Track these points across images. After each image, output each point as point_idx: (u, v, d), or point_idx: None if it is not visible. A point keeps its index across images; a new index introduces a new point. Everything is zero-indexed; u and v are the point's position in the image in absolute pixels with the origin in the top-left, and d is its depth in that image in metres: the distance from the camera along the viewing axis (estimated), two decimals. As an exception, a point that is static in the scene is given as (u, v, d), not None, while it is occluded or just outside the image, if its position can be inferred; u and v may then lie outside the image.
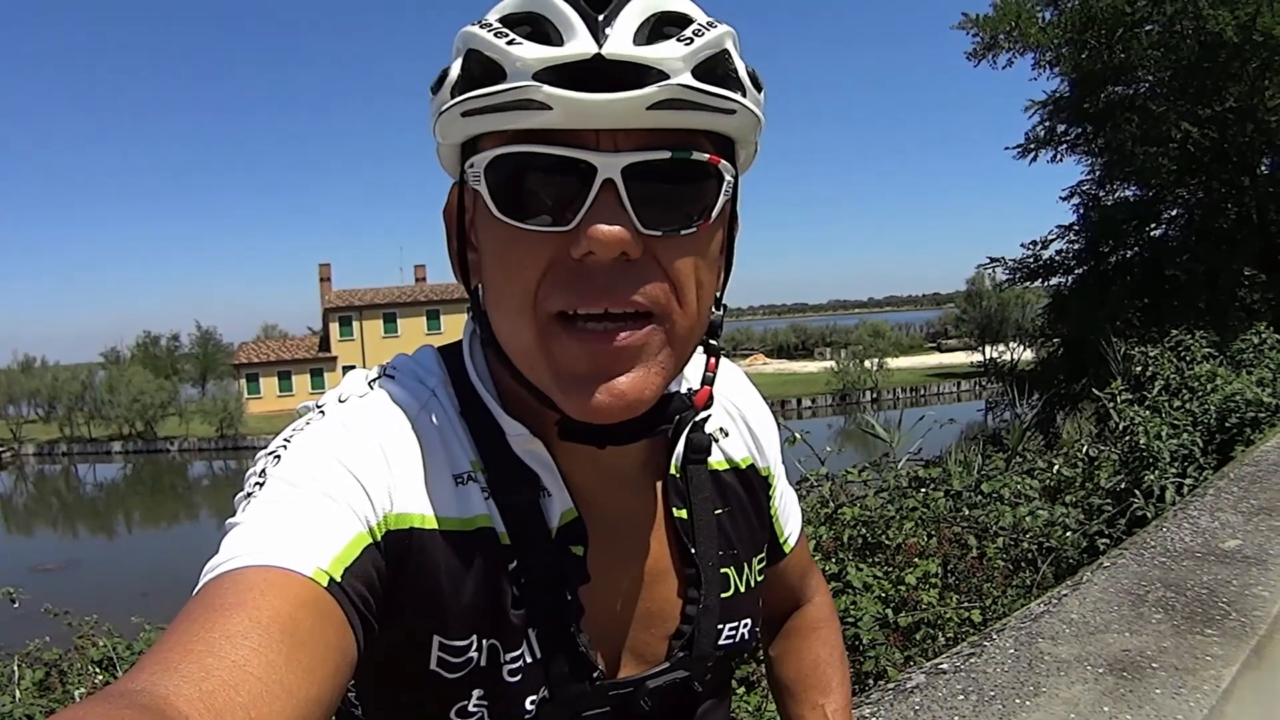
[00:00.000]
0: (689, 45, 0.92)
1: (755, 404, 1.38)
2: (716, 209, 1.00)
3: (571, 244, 0.93)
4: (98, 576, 31.03)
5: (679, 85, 0.91)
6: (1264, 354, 10.17)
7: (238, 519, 0.93)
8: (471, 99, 0.94)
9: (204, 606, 0.82)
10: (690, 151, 0.95)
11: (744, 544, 1.28)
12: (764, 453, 1.36)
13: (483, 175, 0.97)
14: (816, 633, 1.55)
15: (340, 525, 0.93)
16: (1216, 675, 2.83)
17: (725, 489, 1.28)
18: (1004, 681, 2.92)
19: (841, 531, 5.71)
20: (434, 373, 1.13)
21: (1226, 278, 20.36)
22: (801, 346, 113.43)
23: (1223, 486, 5.00)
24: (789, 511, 1.46)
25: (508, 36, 0.92)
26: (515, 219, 0.96)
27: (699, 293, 1.01)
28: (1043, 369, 24.29)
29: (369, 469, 0.98)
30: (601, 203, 0.92)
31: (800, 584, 1.55)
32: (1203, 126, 19.66)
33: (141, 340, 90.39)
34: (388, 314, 77.54)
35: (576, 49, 0.89)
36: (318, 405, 1.08)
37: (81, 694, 5.32)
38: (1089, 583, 3.71)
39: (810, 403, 71.00)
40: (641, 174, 0.93)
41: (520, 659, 1.06)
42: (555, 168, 0.93)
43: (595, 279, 0.94)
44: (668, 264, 0.97)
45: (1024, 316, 61.02)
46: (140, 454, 69.09)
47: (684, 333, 1.01)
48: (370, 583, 0.93)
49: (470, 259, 1.09)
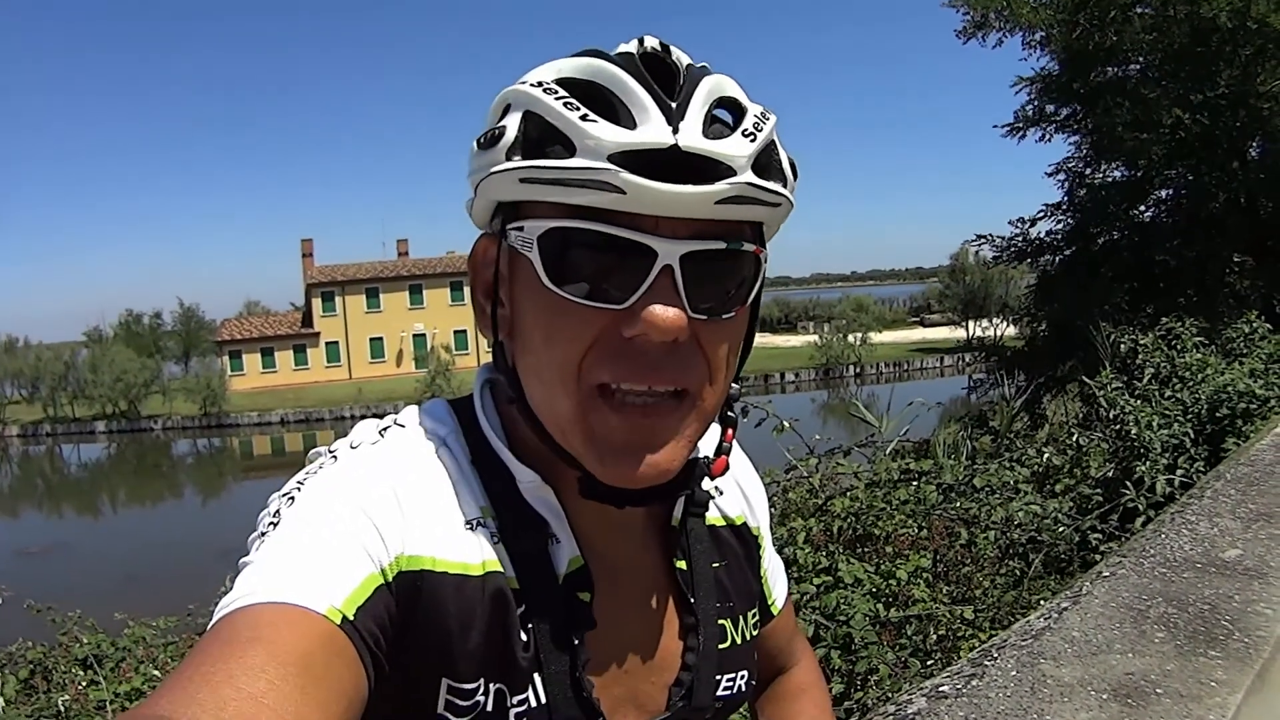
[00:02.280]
0: (753, 141, 0.95)
1: (748, 469, 1.42)
2: (752, 295, 1.05)
3: (624, 323, 0.96)
4: (84, 559, 31.17)
5: (746, 184, 0.94)
6: (1255, 344, 10.20)
7: (251, 557, 0.94)
8: (537, 169, 0.94)
9: (220, 640, 0.83)
10: (741, 243, 0.99)
11: (740, 597, 1.30)
12: (755, 513, 1.39)
13: (535, 243, 0.98)
14: (806, 694, 1.56)
15: (353, 565, 0.94)
16: (1222, 703, 2.80)
17: (722, 543, 1.31)
18: (1006, 708, 2.89)
19: (831, 523, 5.69)
20: (445, 422, 1.14)
21: (1215, 264, 20.40)
22: (784, 320, 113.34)
23: (1219, 488, 4.98)
24: (777, 574, 1.48)
25: (579, 110, 0.93)
26: (566, 290, 0.97)
27: (726, 370, 1.06)
28: (1029, 349, 24.35)
29: (382, 511, 0.99)
30: (658, 287, 0.95)
31: (787, 647, 1.56)
32: (1194, 111, 19.63)
33: (124, 318, 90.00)
34: (370, 289, 77.83)
35: (653, 137, 0.91)
36: (330, 450, 1.09)
37: (65, 700, 5.27)
38: (1089, 595, 3.68)
39: (794, 377, 71.34)
40: (695, 261, 0.96)
41: (525, 703, 1.06)
42: (613, 247, 0.95)
43: (643, 358, 0.97)
44: (707, 345, 1.01)
45: (1008, 292, 61.27)
46: (124, 433, 69.09)
47: (710, 407, 1.05)
48: (382, 623, 0.94)
49: (500, 314, 1.09)
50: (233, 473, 53.87)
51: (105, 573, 25.67)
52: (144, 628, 6.36)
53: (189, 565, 17.63)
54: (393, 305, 77.51)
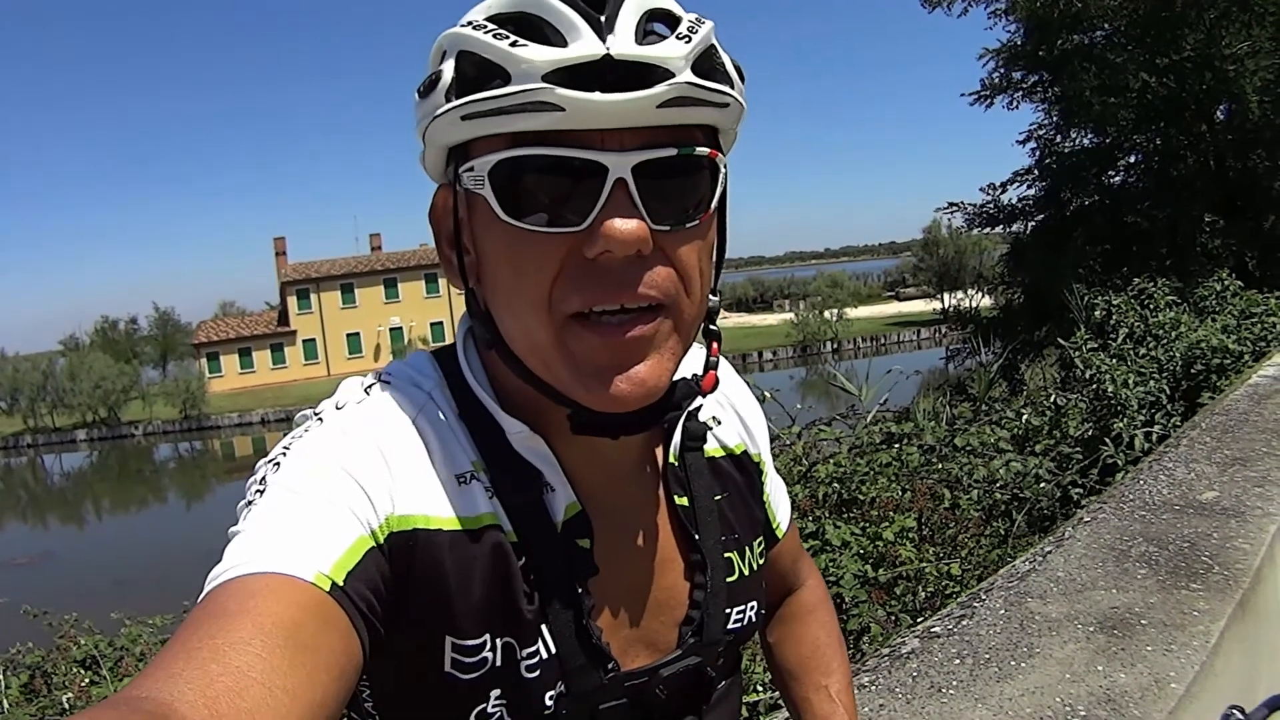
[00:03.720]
0: (688, 43, 0.94)
1: (744, 393, 1.40)
2: (715, 199, 1.03)
3: (585, 244, 0.95)
4: (72, 568, 31.01)
5: (685, 83, 0.93)
6: (1227, 301, 10.26)
7: (239, 527, 0.93)
8: (475, 102, 0.94)
9: (207, 614, 0.83)
10: (694, 148, 0.98)
11: (744, 528, 1.29)
12: (755, 439, 1.38)
13: (486, 179, 0.97)
14: (813, 615, 1.57)
15: (341, 529, 0.93)
16: (1205, 630, 2.88)
17: (722, 475, 1.29)
18: (997, 643, 2.97)
19: (817, 489, 5.74)
20: (429, 376, 1.13)
21: (1187, 224, 20.53)
22: (760, 299, 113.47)
23: (1195, 436, 5.06)
24: (779, 497, 1.48)
25: (509, 38, 0.92)
26: (524, 221, 0.96)
27: (700, 280, 1.04)
28: (1004, 316, 24.42)
29: (369, 472, 0.99)
30: (614, 202, 0.93)
31: (793, 569, 1.57)
32: (1160, 75, 19.74)
33: (100, 325, 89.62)
34: (345, 284, 77.49)
35: (584, 50, 0.90)
36: (315, 412, 1.08)
37: (69, 698, 5.31)
38: (1071, 539, 3.76)
39: (771, 355, 71.43)
40: (649, 171, 0.95)
41: (537, 654, 1.06)
42: (563, 169, 0.94)
43: (610, 276, 0.96)
44: (674, 256, 0.99)
45: (982, 263, 61.27)
46: (105, 440, 68.75)
47: (689, 319, 1.04)
48: (374, 586, 0.94)
49: (466, 261, 1.08)
50: (216, 474, 53.45)
51: (94, 580, 25.50)
52: (141, 625, 6.32)
53: (177, 568, 17.57)
54: (368, 300, 77.17)
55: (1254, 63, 19.29)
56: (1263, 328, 8.84)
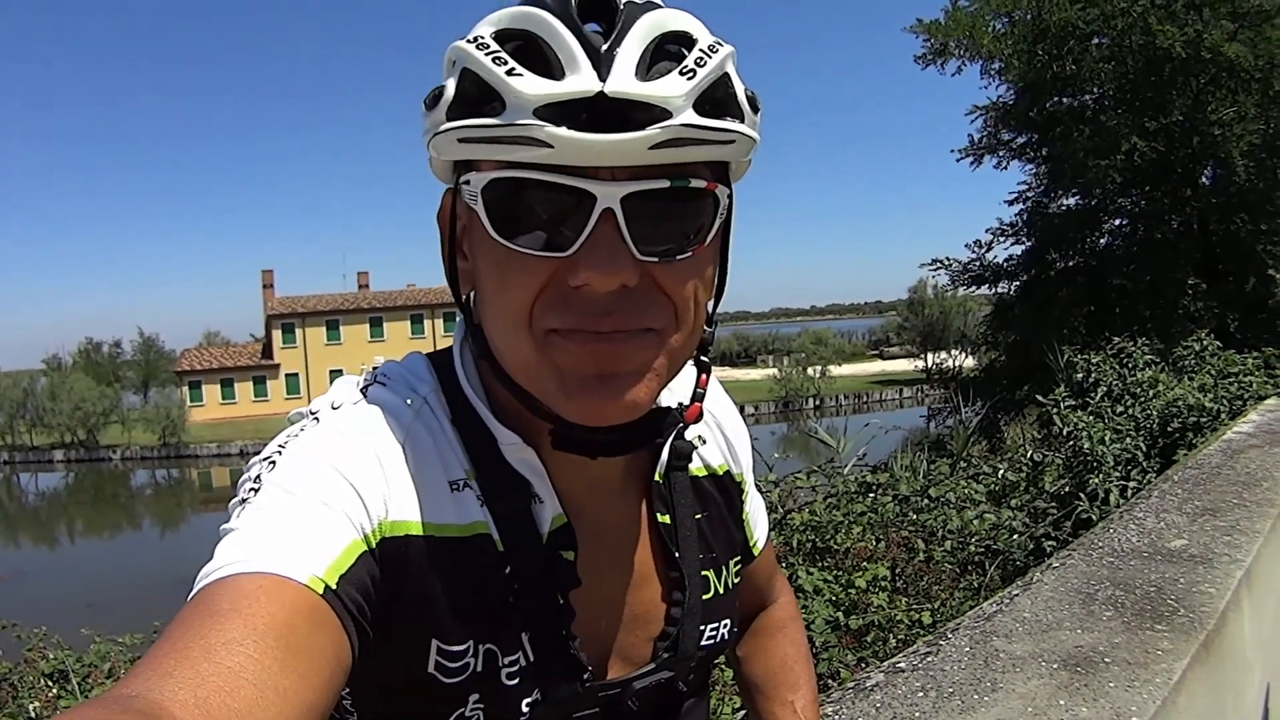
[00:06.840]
0: (691, 79, 0.92)
1: (730, 412, 1.42)
2: (712, 232, 1.02)
3: (569, 271, 0.94)
4: (43, 587, 30.73)
5: (680, 125, 0.91)
6: (1205, 360, 10.32)
7: (232, 524, 0.94)
8: (469, 128, 0.94)
9: (199, 613, 0.83)
10: (688, 180, 0.96)
11: (722, 547, 1.31)
12: (738, 460, 1.39)
13: (479, 195, 0.96)
14: (783, 631, 1.59)
15: (335, 532, 0.93)
16: (1168, 669, 2.89)
17: (704, 494, 1.31)
18: (961, 678, 2.97)
19: (791, 536, 5.74)
20: (425, 380, 1.13)
21: (1169, 287, 20.75)
22: (744, 354, 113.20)
23: (1166, 489, 5.08)
24: (758, 516, 1.48)
25: (506, 65, 0.91)
26: (512, 242, 0.96)
27: (695, 310, 1.03)
28: (986, 375, 24.55)
29: (364, 476, 0.99)
30: (600, 232, 0.92)
31: (767, 585, 1.58)
32: (1149, 139, 20.02)
33: (83, 347, 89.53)
34: (330, 321, 77.62)
35: (579, 86, 0.89)
36: (311, 411, 1.09)
37: (36, 706, 5.27)
38: (1039, 583, 3.77)
39: (754, 410, 71.32)
40: (639, 202, 0.93)
41: (517, 662, 1.08)
42: (553, 194, 0.93)
43: (590, 305, 0.95)
44: (668, 287, 0.98)
45: (966, 324, 61.49)
46: (83, 462, 68.33)
47: (680, 347, 1.03)
48: (365, 590, 0.94)
49: (461, 266, 1.10)
50: (192, 504, 53.08)
51: (65, 600, 25.31)
52: (110, 644, 6.27)
53: (149, 594, 17.42)
54: (353, 337, 77.13)
55: (1240, 128, 19.65)
56: (1239, 387, 8.88)
